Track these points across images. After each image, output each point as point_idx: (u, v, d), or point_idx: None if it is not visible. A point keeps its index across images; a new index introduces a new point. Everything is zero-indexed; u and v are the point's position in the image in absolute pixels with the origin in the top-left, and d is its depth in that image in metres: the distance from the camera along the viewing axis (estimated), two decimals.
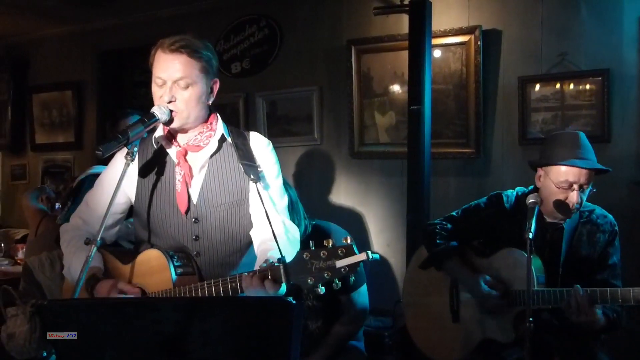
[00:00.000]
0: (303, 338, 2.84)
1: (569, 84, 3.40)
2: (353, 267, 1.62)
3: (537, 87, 3.48)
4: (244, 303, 1.47)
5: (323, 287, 1.65)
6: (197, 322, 1.38)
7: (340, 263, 1.62)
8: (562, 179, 2.42)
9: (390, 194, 4.00)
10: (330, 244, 1.64)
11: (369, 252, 1.62)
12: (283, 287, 1.76)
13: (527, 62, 3.52)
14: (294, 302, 1.33)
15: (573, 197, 2.42)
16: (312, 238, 2.85)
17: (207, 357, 1.41)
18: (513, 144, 3.58)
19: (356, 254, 1.62)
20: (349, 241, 1.64)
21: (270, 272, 1.74)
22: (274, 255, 1.80)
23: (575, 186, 2.41)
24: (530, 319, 2.14)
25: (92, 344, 1.43)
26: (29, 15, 5.15)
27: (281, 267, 1.69)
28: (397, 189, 3.91)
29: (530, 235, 2.20)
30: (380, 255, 3.98)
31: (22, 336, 2.76)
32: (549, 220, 2.55)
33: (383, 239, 4.04)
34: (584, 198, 2.46)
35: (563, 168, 2.42)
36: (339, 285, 1.65)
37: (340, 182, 4.20)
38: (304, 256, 1.66)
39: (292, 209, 2.83)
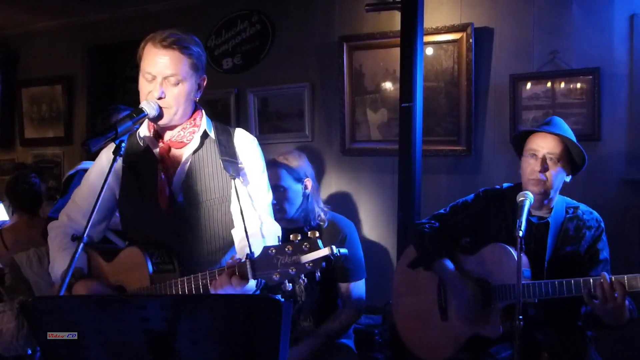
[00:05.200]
0: (298, 333, 2.84)
1: (560, 83, 3.40)
2: (317, 262, 1.58)
3: (529, 85, 3.49)
4: (232, 301, 1.46)
5: (290, 284, 1.63)
6: (184, 319, 1.37)
7: (305, 258, 1.59)
8: (528, 147, 2.53)
9: (381, 191, 3.99)
10: (297, 239, 1.62)
11: (334, 246, 1.59)
12: (252, 283, 1.75)
13: (519, 60, 3.53)
14: (283, 299, 1.32)
15: (534, 164, 2.49)
16: (320, 227, 2.92)
17: (195, 355, 1.40)
18: (504, 141, 3.58)
19: (320, 249, 1.59)
20: (316, 235, 1.61)
21: (238, 268, 1.73)
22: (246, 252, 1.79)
23: (538, 155, 2.48)
24: (520, 317, 2.14)
25: (78, 342, 1.41)
26: (19, 9, 5.11)
27: (247, 263, 1.68)
28: (388, 186, 3.91)
29: (521, 234, 2.20)
30: (371, 252, 3.98)
31: (10, 333, 2.76)
32: (534, 213, 2.57)
33: (374, 236, 4.04)
34: (552, 178, 2.49)
35: (531, 137, 2.54)
36: (305, 281, 1.62)
37: (331, 179, 4.19)
38: (270, 251, 1.64)
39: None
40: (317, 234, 1.61)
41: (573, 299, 2.40)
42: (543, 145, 2.49)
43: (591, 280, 2.27)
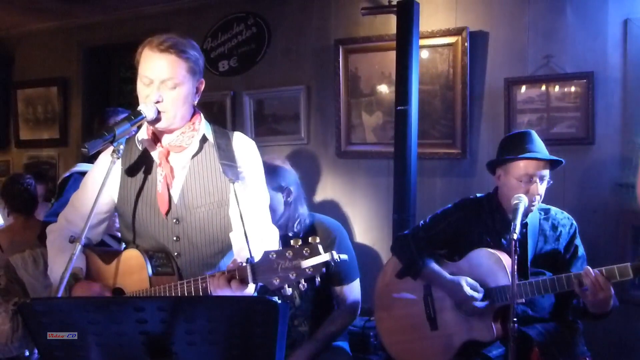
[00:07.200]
0: (295, 339, 2.85)
1: (555, 86, 3.43)
2: (318, 267, 1.60)
3: (523, 88, 3.51)
4: (229, 302, 1.46)
5: (290, 288, 1.64)
6: (182, 321, 1.37)
7: (305, 263, 1.60)
8: (523, 173, 2.54)
9: (377, 194, 4.00)
10: (298, 244, 1.63)
11: (334, 252, 1.61)
12: (251, 287, 1.76)
13: (513, 64, 3.55)
14: (279, 301, 1.33)
15: (535, 189, 2.53)
16: (309, 231, 2.91)
17: (192, 357, 1.41)
18: (498, 148, 3.59)
19: (320, 254, 1.61)
20: (316, 240, 1.63)
21: (238, 272, 1.74)
22: (245, 256, 1.80)
23: (535, 178, 2.53)
24: (515, 319, 2.18)
25: (76, 343, 1.42)
26: (15, 10, 5.10)
27: (248, 267, 1.69)
28: (384, 189, 3.92)
29: (515, 237, 2.25)
30: (366, 255, 3.99)
31: (4, 335, 2.75)
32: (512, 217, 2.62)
33: (369, 238, 4.04)
34: (543, 190, 2.57)
35: (522, 163, 2.56)
36: (305, 286, 1.64)
37: (327, 181, 4.20)
38: (270, 256, 1.65)
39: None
40: (318, 240, 1.63)
41: (561, 294, 2.49)
42: (537, 168, 2.55)
43: (582, 274, 2.35)
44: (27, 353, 2.70)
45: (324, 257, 1.60)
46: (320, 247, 1.62)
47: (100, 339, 1.41)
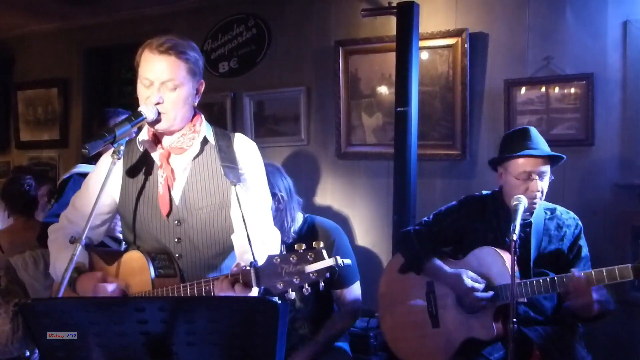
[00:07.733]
0: (295, 342, 2.85)
1: (554, 88, 3.43)
2: (322, 272, 1.60)
3: (523, 90, 3.51)
4: (230, 303, 1.47)
5: (293, 292, 1.64)
6: (182, 322, 1.37)
7: (309, 268, 1.60)
8: (521, 170, 2.55)
9: (377, 195, 4.01)
10: (302, 249, 1.63)
11: (338, 257, 1.61)
12: (254, 292, 1.76)
13: (513, 65, 3.55)
14: (280, 302, 1.33)
15: (534, 185, 2.54)
16: (308, 235, 2.90)
17: (193, 358, 1.41)
18: (499, 146, 3.59)
19: (325, 259, 1.61)
20: (320, 245, 1.63)
21: (242, 276, 1.74)
22: (247, 259, 1.80)
23: (534, 175, 2.54)
24: (514, 319, 2.18)
25: (77, 343, 1.42)
26: (15, 12, 5.10)
27: (252, 271, 1.69)
28: (384, 190, 3.93)
29: (515, 237, 2.25)
30: (366, 256, 3.99)
31: (4, 335, 2.75)
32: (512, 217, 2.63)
33: (369, 239, 4.05)
34: (545, 187, 2.58)
35: (520, 160, 2.56)
36: (309, 290, 1.64)
37: (327, 182, 4.21)
38: (275, 260, 1.65)
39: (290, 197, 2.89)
40: (322, 244, 1.63)
41: (563, 296, 2.49)
42: (535, 165, 2.55)
43: (566, 277, 2.39)
44: (27, 354, 2.70)
45: (328, 262, 1.60)
46: (324, 252, 1.62)
47: (100, 340, 1.41)
